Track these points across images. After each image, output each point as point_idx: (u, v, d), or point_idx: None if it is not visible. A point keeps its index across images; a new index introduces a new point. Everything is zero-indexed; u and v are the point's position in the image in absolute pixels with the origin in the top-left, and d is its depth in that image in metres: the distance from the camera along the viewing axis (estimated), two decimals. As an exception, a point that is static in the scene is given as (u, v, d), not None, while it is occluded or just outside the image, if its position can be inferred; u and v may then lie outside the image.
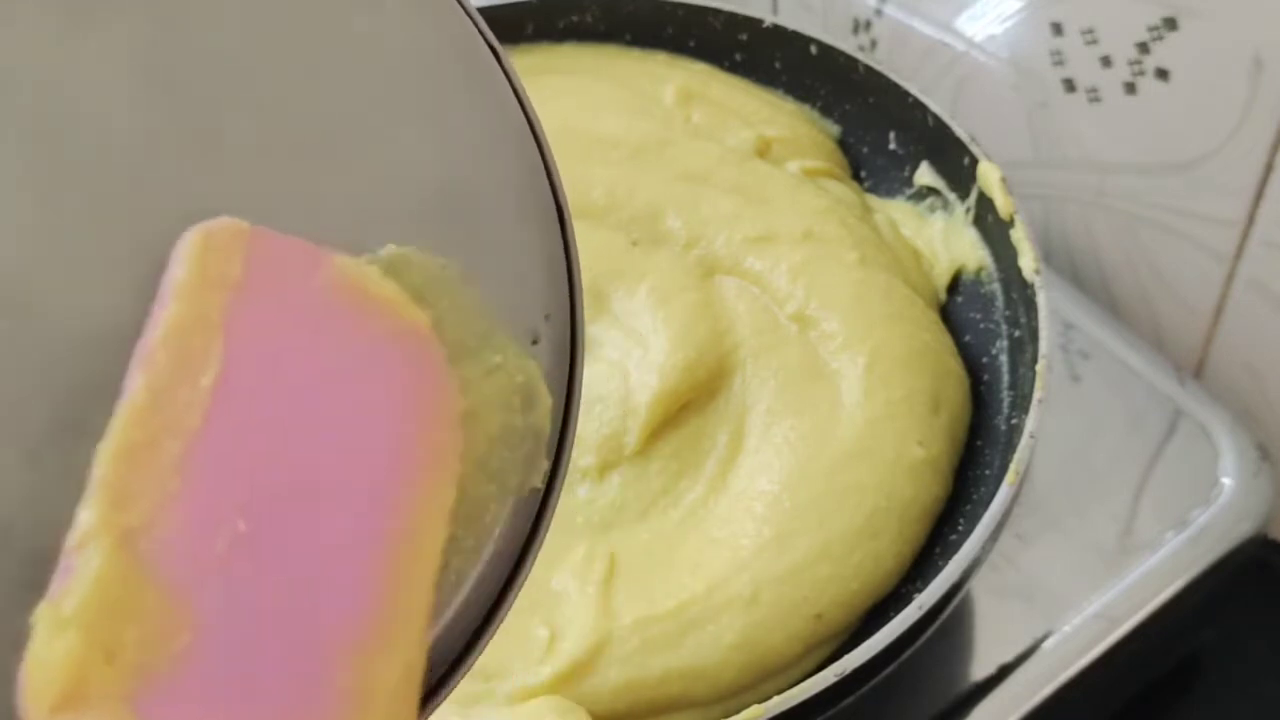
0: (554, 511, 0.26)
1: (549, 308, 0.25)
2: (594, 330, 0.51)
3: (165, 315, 0.21)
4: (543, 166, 0.26)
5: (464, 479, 0.24)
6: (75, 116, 0.22)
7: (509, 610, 0.25)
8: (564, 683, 0.42)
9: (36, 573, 0.20)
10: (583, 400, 0.51)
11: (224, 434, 0.21)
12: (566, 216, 0.26)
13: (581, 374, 0.26)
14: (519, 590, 0.25)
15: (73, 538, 0.20)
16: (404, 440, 0.22)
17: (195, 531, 0.20)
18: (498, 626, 0.25)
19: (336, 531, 0.22)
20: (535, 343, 0.24)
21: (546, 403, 0.24)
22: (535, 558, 0.25)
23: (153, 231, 0.22)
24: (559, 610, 0.44)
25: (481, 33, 0.26)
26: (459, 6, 0.25)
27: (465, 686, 0.43)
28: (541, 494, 0.25)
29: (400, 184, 0.24)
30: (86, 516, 0.20)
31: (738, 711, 0.38)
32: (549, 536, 0.49)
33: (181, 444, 0.21)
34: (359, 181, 0.24)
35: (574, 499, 0.47)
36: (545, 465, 0.25)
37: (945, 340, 0.52)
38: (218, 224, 0.22)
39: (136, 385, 0.21)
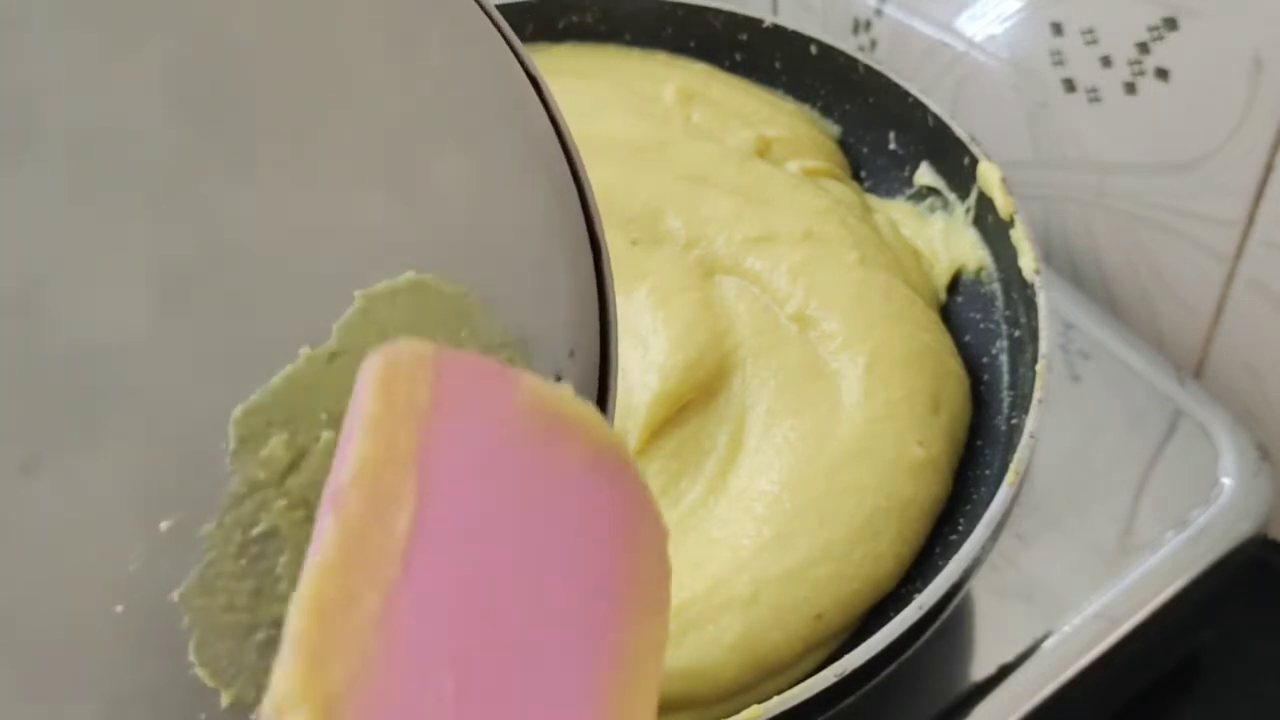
0: None
1: (574, 344, 0.24)
2: (594, 330, 0.51)
3: (353, 451, 0.19)
4: (579, 201, 0.25)
5: None
6: (108, 133, 0.22)
7: None
8: (564, 683, 0.42)
9: None
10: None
11: (424, 582, 0.19)
12: (604, 251, 0.25)
13: (614, 403, 0.25)
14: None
15: (270, 703, 0.17)
16: (613, 572, 0.21)
17: (401, 694, 0.18)
18: None
19: (549, 678, 0.19)
20: (559, 379, 0.24)
21: None
22: None
23: (172, 247, 0.21)
24: (559, 610, 0.44)
25: (522, 61, 0.25)
26: (500, 36, 0.25)
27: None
28: None
29: (426, 212, 0.23)
30: (284, 679, 0.17)
31: (738, 711, 0.38)
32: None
33: (381, 597, 0.18)
34: (385, 207, 0.23)
35: (574, 499, 0.47)
36: None
37: (945, 340, 0.52)
38: (402, 348, 0.20)
39: (328, 531, 0.19)
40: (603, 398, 0.25)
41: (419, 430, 0.19)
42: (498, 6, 0.67)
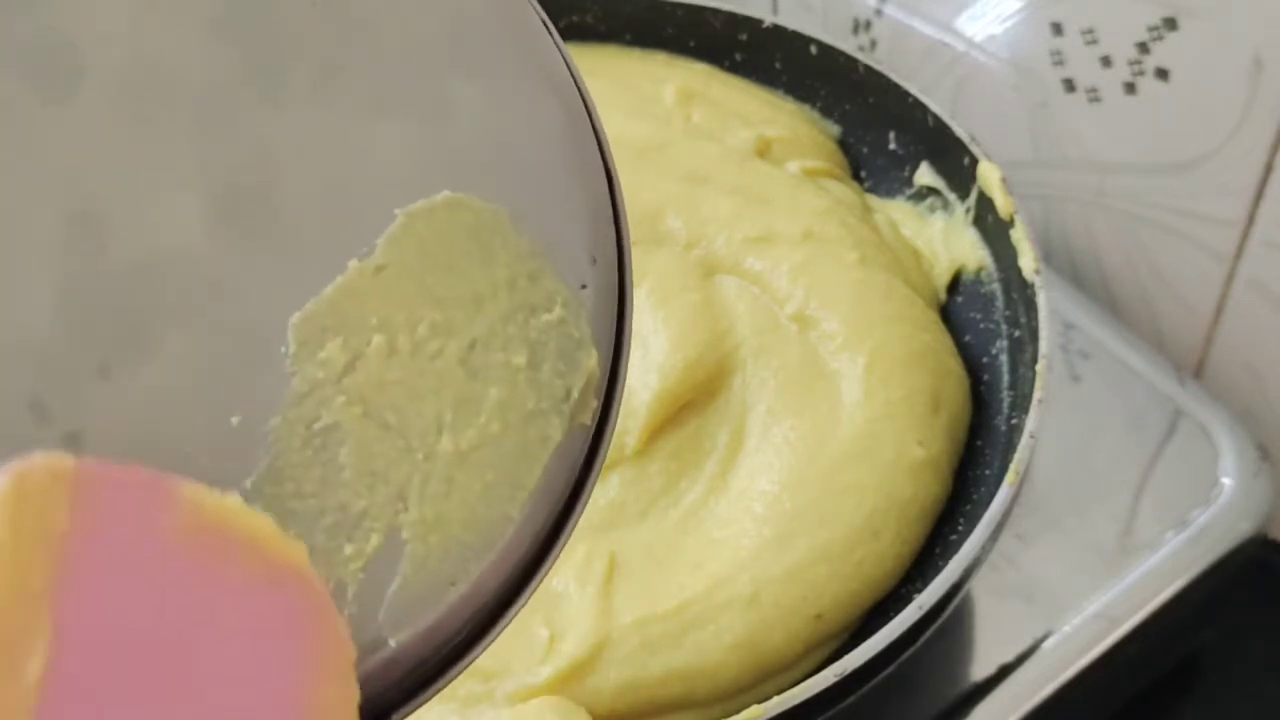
0: (606, 452, 0.27)
1: (595, 252, 0.26)
2: (594, 330, 0.51)
3: None
4: (588, 121, 0.27)
5: (514, 416, 0.25)
6: (152, 68, 0.24)
7: (566, 543, 0.26)
8: (564, 683, 0.42)
9: None
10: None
11: None
12: (612, 170, 0.27)
13: (631, 316, 0.27)
14: (574, 526, 0.26)
15: None
16: (284, 705, 0.19)
17: None
18: (554, 561, 0.26)
19: None
20: (583, 287, 0.26)
21: (593, 352, 0.26)
22: (590, 493, 0.26)
23: (222, 170, 0.24)
24: (559, 610, 0.44)
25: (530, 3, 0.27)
26: None
27: (465, 686, 0.43)
28: (592, 432, 0.26)
29: (452, 135, 0.25)
30: None
31: (738, 711, 0.38)
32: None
33: None
34: (414, 132, 0.25)
35: (574, 499, 0.47)
36: (595, 404, 0.26)
37: (945, 340, 0.52)
38: (36, 464, 0.18)
39: None
40: (621, 301, 0.27)
41: (53, 560, 0.18)
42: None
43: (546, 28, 0.27)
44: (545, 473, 0.25)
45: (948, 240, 0.56)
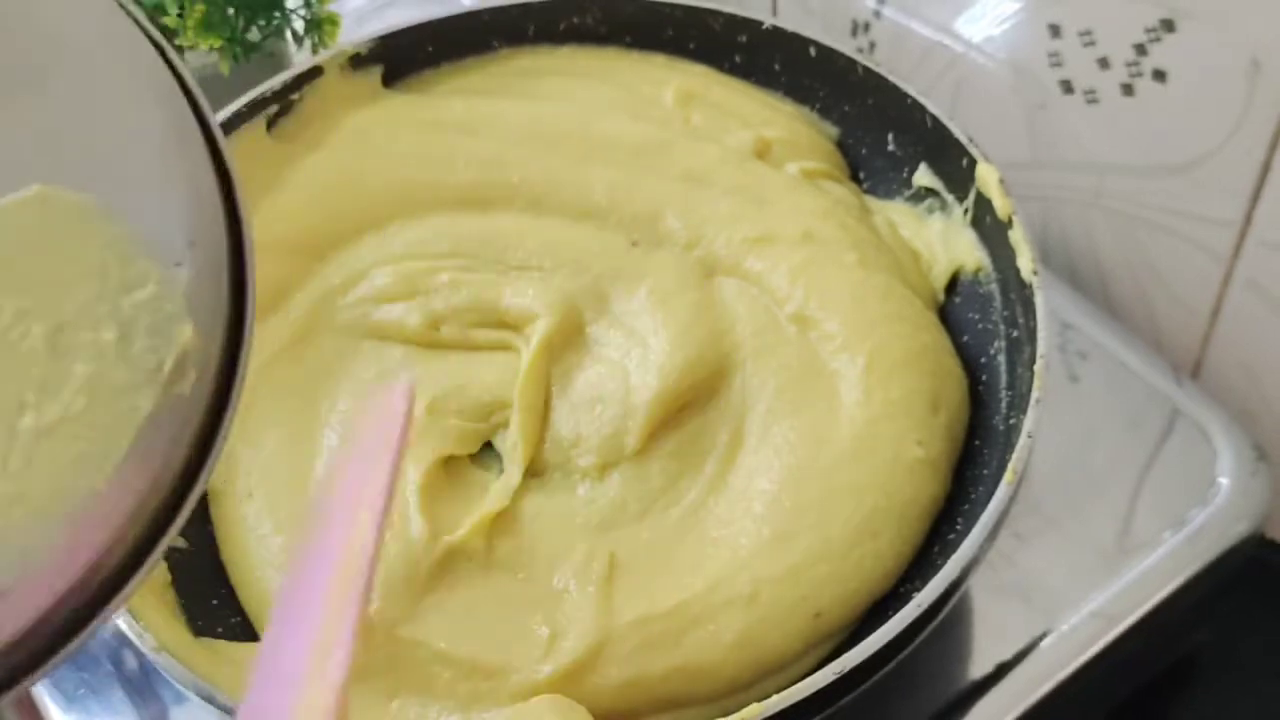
0: (229, 423, 0.28)
1: (194, 237, 0.28)
2: (594, 330, 0.51)
3: None
4: (196, 127, 0.29)
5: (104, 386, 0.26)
6: None
7: (186, 518, 0.27)
8: (565, 681, 0.42)
9: None
10: (583, 400, 0.51)
11: None
12: (230, 168, 0.29)
13: (253, 297, 0.29)
14: (195, 499, 0.27)
15: None
16: None
17: None
18: (172, 536, 0.27)
19: None
20: (179, 265, 0.27)
21: (188, 326, 0.27)
22: (213, 466, 0.28)
23: None
24: (560, 609, 0.44)
25: (141, 25, 0.29)
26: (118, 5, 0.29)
27: (466, 685, 0.43)
28: (208, 402, 0.28)
29: (50, 136, 0.27)
30: None
31: (737, 710, 0.39)
32: (549, 537, 0.49)
33: None
34: (12, 134, 0.27)
35: (574, 498, 0.47)
36: (193, 375, 0.27)
37: (944, 341, 0.52)
38: None
39: None
40: (242, 270, 0.29)
41: None
42: (501, 8, 0.67)
43: (154, 43, 0.29)
44: (136, 442, 0.26)
45: (946, 241, 0.56)
